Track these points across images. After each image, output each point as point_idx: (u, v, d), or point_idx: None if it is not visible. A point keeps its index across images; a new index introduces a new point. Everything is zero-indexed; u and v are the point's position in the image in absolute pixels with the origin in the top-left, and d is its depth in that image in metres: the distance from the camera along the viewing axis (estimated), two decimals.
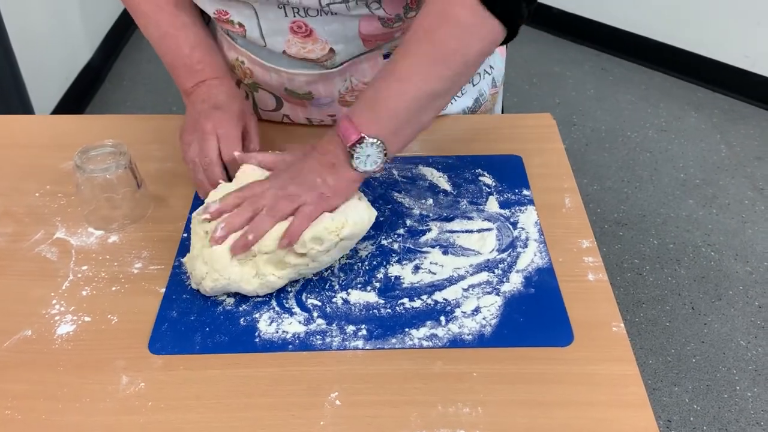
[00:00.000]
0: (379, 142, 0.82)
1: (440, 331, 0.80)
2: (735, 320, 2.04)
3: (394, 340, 0.79)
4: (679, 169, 2.60)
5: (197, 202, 0.97)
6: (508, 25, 0.83)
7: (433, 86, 0.84)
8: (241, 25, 0.96)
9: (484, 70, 1.13)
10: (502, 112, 1.26)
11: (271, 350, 0.78)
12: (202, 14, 1.06)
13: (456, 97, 1.11)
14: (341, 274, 0.87)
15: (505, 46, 1.14)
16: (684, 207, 2.43)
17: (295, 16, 0.93)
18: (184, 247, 0.90)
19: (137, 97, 2.98)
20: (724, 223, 2.36)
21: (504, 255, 0.89)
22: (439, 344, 0.78)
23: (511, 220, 0.94)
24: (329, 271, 0.88)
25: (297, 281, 0.86)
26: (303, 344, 0.79)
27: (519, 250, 0.90)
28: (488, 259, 0.88)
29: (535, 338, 0.79)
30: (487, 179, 1.00)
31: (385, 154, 0.83)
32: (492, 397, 0.73)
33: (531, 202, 0.97)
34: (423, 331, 0.80)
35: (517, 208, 0.96)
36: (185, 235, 0.92)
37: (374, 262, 0.88)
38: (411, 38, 0.84)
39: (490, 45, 0.85)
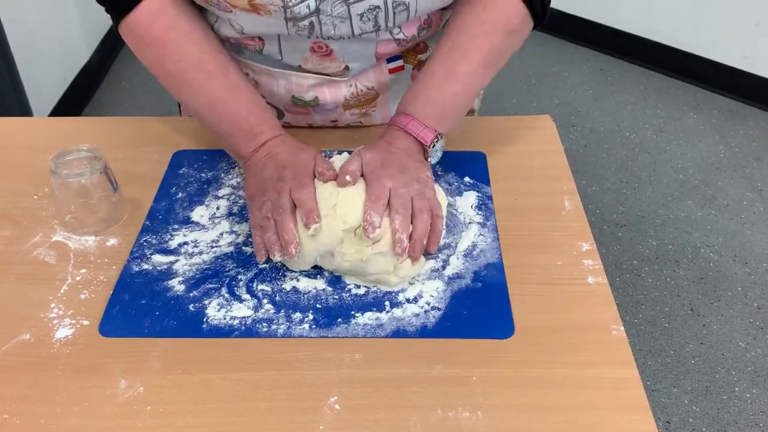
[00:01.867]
0: (443, 137, 0.94)
1: (385, 317, 0.81)
2: (734, 321, 2.04)
3: (338, 329, 0.80)
4: (678, 169, 2.60)
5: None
6: (538, 21, 0.97)
7: (485, 83, 0.98)
8: (260, 39, 0.97)
9: None
10: (498, 113, 1.26)
11: (217, 336, 0.80)
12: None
13: None
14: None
15: None
16: (683, 208, 2.43)
17: (318, 39, 0.94)
18: (144, 234, 0.93)
19: (136, 98, 2.98)
20: (723, 224, 2.37)
21: (448, 240, 0.91)
22: (382, 334, 0.80)
23: (449, 203, 0.96)
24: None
25: (251, 269, 0.87)
26: (249, 331, 0.80)
27: (462, 233, 0.92)
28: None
29: (477, 330, 0.80)
30: (439, 171, 1.02)
31: (444, 145, 0.94)
32: (491, 401, 0.73)
33: (474, 188, 0.99)
34: (368, 318, 0.82)
35: (456, 194, 0.98)
36: (147, 222, 0.94)
37: None
38: (470, 41, 0.94)
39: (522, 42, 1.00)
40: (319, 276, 0.87)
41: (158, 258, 0.89)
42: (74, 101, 2.85)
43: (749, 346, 1.97)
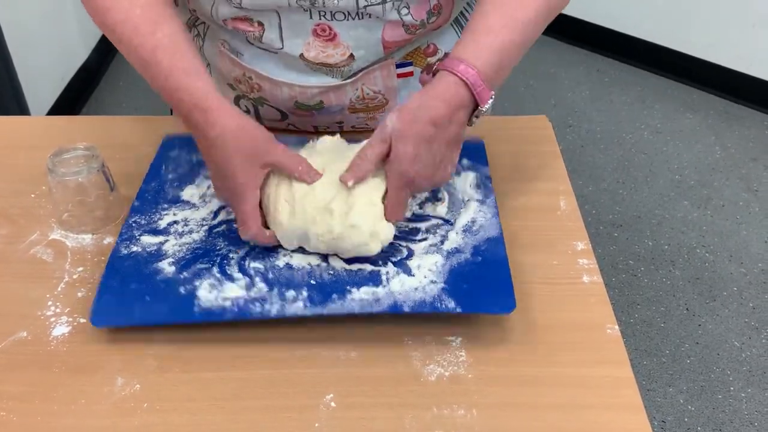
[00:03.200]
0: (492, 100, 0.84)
1: (381, 292, 0.80)
2: (729, 321, 2.05)
3: (333, 306, 0.79)
4: (674, 170, 2.61)
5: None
6: None
7: (535, 38, 0.90)
8: (260, 23, 0.93)
9: None
10: (494, 114, 1.26)
11: (208, 319, 0.78)
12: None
13: None
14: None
15: None
16: (679, 208, 2.44)
17: (320, 19, 0.91)
18: (134, 215, 0.92)
19: (133, 97, 2.98)
20: (719, 224, 2.37)
21: (447, 217, 0.91)
22: (378, 309, 0.78)
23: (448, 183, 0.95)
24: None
25: (242, 247, 0.86)
26: (241, 312, 0.78)
27: (460, 211, 0.92)
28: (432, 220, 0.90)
29: (477, 304, 0.79)
30: None
31: None
32: (486, 399, 0.74)
33: (471, 169, 0.98)
34: (363, 293, 0.80)
35: (455, 176, 0.97)
36: (136, 203, 0.93)
37: None
38: None
39: None
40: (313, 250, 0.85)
41: (147, 239, 0.88)
42: (72, 100, 2.85)
43: (744, 346, 1.98)
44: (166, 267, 0.84)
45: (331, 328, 0.81)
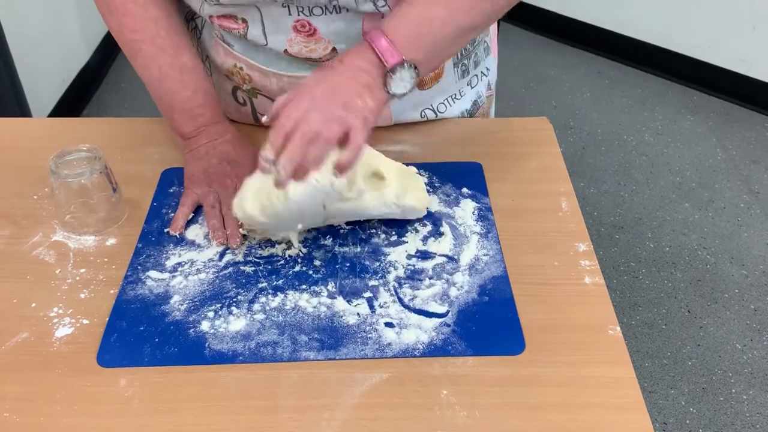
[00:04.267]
0: (413, 66, 0.82)
1: (393, 336, 0.80)
2: (731, 323, 2.05)
3: (346, 350, 0.78)
4: (675, 172, 2.61)
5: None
6: None
7: (476, 20, 0.86)
8: (243, 20, 0.95)
9: (481, 72, 1.14)
10: (496, 115, 1.26)
11: (220, 362, 0.77)
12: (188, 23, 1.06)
13: (455, 100, 1.12)
14: (295, 282, 0.86)
15: (497, 49, 1.15)
16: (680, 210, 2.44)
17: (299, 15, 0.93)
18: (138, 257, 0.90)
19: (134, 99, 2.98)
20: (720, 226, 2.37)
21: (450, 253, 0.90)
22: (390, 354, 0.78)
23: (448, 214, 0.96)
24: (287, 277, 0.87)
25: (251, 289, 0.85)
26: (253, 356, 0.78)
27: (463, 246, 0.91)
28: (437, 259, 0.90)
29: (488, 347, 0.79)
30: (436, 182, 1.01)
31: (416, 79, 0.83)
32: (488, 400, 0.74)
33: (472, 198, 0.98)
34: (376, 338, 0.80)
35: (454, 204, 0.97)
36: (140, 245, 0.92)
37: (331, 268, 0.88)
38: None
39: None
40: (322, 293, 0.85)
41: (154, 281, 0.86)
42: (73, 102, 2.85)
43: (746, 348, 1.98)
44: (175, 309, 0.83)
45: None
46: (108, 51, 3.18)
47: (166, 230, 0.93)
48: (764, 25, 2.75)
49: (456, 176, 1.02)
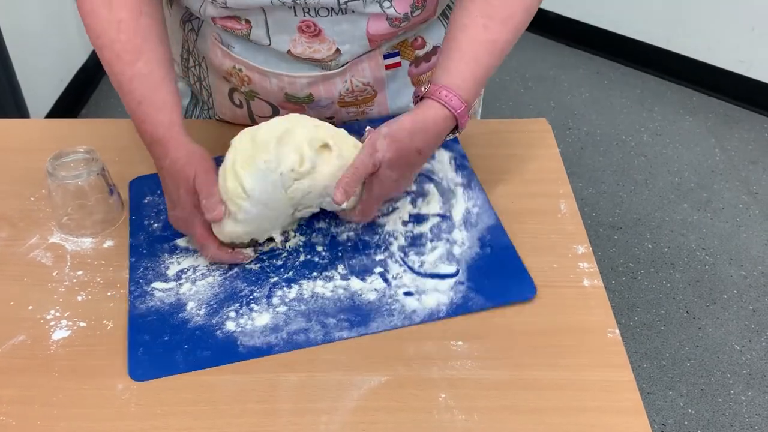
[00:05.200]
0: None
1: (415, 304, 0.83)
2: (729, 324, 2.05)
3: (375, 324, 0.81)
4: (674, 173, 2.61)
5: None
6: None
7: (512, 41, 0.91)
8: (247, 21, 0.95)
9: None
10: (496, 116, 1.26)
11: (257, 356, 0.78)
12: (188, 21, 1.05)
13: None
14: (305, 271, 0.87)
15: None
16: (678, 211, 2.44)
17: (305, 16, 0.93)
18: (136, 271, 0.88)
19: None
20: (719, 227, 2.37)
21: (442, 210, 0.93)
22: (417, 320, 0.81)
23: (427, 170, 0.97)
24: (295, 268, 0.88)
25: (264, 285, 0.86)
26: (289, 344, 0.79)
27: (451, 202, 0.94)
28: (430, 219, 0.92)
29: (502, 295, 0.83)
30: None
31: None
32: (487, 403, 0.73)
33: (445, 147, 0.99)
34: (399, 308, 0.83)
35: (430, 158, 0.98)
36: (133, 259, 0.90)
37: (335, 251, 0.90)
38: (507, 8, 0.89)
39: None
40: (335, 277, 0.86)
41: (162, 292, 0.86)
42: (71, 103, 2.84)
43: (744, 349, 1.98)
44: (194, 315, 0.83)
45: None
46: None
47: (160, 252, 0.91)
48: (763, 26, 2.74)
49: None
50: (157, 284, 0.87)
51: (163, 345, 0.80)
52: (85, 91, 2.99)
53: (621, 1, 3.10)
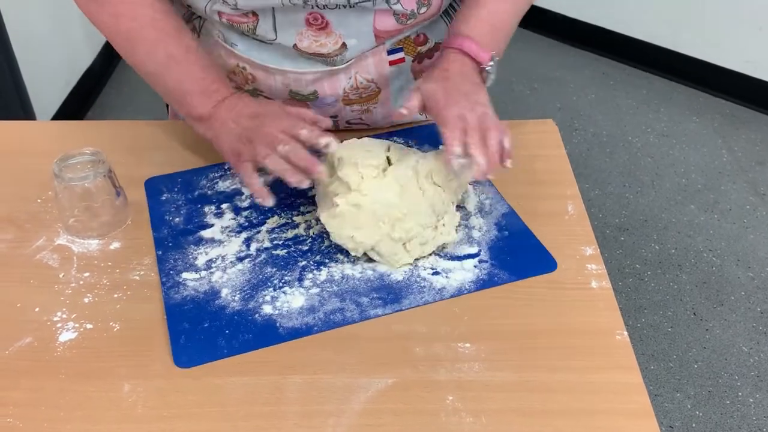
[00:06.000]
0: (498, 58, 0.94)
1: (444, 281, 0.86)
2: (737, 326, 2.04)
3: (408, 301, 0.84)
4: (681, 174, 2.60)
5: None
6: None
7: (527, 5, 1.00)
8: (254, 14, 0.94)
9: None
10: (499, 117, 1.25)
11: (297, 336, 0.80)
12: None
13: None
14: (332, 254, 0.90)
15: None
16: (685, 212, 2.43)
17: (313, 8, 0.93)
18: (165, 263, 0.89)
19: (138, 101, 2.98)
20: (726, 228, 2.36)
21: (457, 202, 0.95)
22: (447, 296, 0.84)
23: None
24: (322, 252, 0.90)
25: (294, 269, 0.88)
26: (327, 323, 0.81)
27: (463, 195, 0.96)
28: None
29: (526, 270, 0.87)
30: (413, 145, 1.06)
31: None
32: (494, 405, 0.73)
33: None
34: (428, 286, 0.86)
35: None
36: (159, 252, 0.91)
37: None
38: None
39: None
40: (361, 259, 0.89)
41: (194, 281, 0.87)
42: (77, 105, 2.85)
43: (752, 351, 1.97)
44: (230, 301, 0.84)
45: (337, 335, 0.81)
46: (111, 54, 3.18)
47: (184, 244, 0.92)
48: None
49: (431, 136, 1.05)
50: (187, 274, 0.88)
51: (203, 332, 0.81)
52: (91, 94, 2.99)
53: (627, 2, 3.10)
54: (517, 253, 0.90)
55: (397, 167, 0.89)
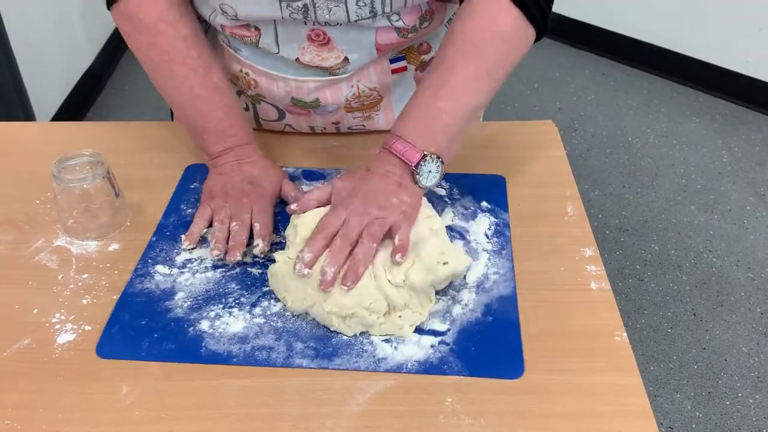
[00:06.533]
0: (437, 157, 0.86)
1: (389, 350, 0.78)
2: (737, 327, 2.04)
3: (339, 361, 0.77)
4: (681, 174, 2.60)
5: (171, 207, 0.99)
6: (540, 30, 0.90)
7: (480, 100, 0.90)
8: (257, 28, 0.95)
9: None
10: (500, 118, 1.25)
11: (214, 362, 0.77)
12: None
13: None
14: None
15: None
16: (685, 213, 2.43)
17: (315, 25, 0.93)
18: (150, 250, 0.91)
19: (138, 103, 2.99)
20: (726, 229, 2.36)
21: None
22: (383, 368, 0.77)
23: (463, 228, 0.93)
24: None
25: (254, 292, 0.85)
26: (247, 359, 0.77)
27: (471, 264, 0.88)
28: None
29: (484, 369, 0.76)
30: (456, 194, 0.99)
31: (443, 166, 0.87)
32: (494, 407, 0.73)
33: (490, 213, 0.96)
34: (371, 351, 0.79)
35: (471, 218, 0.95)
36: (154, 239, 0.93)
37: None
38: (456, 53, 0.88)
39: (525, 52, 0.92)
40: None
41: (162, 276, 0.87)
42: (77, 106, 2.85)
43: (752, 352, 1.97)
44: (178, 306, 0.83)
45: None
46: (111, 54, 3.18)
47: (181, 237, 0.92)
48: None
49: (477, 189, 0.99)
50: (160, 267, 0.89)
51: (136, 329, 0.81)
52: (91, 95, 3.00)
53: (627, 3, 3.10)
54: (486, 346, 0.78)
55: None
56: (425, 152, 0.86)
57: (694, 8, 2.91)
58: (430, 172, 0.87)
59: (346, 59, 0.97)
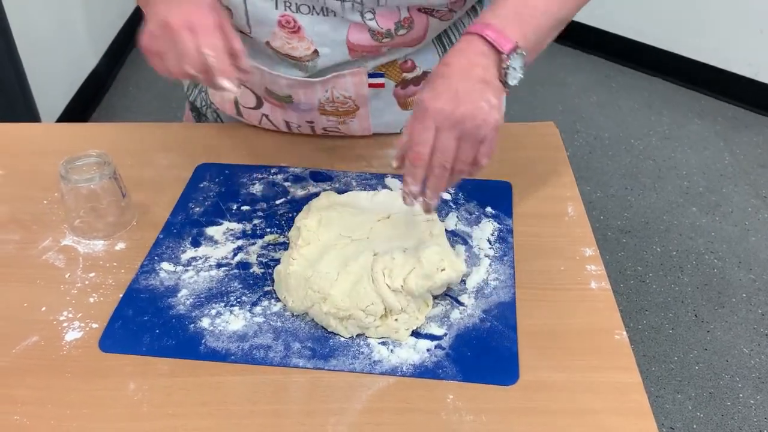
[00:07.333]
0: (524, 54, 0.80)
1: (385, 353, 0.79)
2: (738, 328, 2.04)
3: (335, 362, 0.78)
4: (683, 176, 2.60)
5: (178, 207, 0.99)
6: None
7: (569, 11, 0.88)
8: (227, 8, 0.93)
9: None
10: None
11: (213, 359, 0.78)
12: None
13: None
14: None
15: None
16: (687, 214, 2.43)
17: (285, 10, 0.92)
18: (157, 248, 0.92)
19: (142, 103, 3.00)
20: (728, 230, 2.37)
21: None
22: (378, 371, 0.77)
23: (466, 233, 0.94)
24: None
25: (256, 291, 0.86)
26: (245, 357, 0.78)
27: (473, 267, 0.89)
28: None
29: (479, 375, 0.76)
30: (461, 199, 0.99)
31: (524, 69, 0.80)
32: (494, 404, 0.74)
33: (494, 219, 0.96)
34: (367, 354, 0.79)
35: (474, 224, 0.95)
36: (161, 236, 0.94)
37: None
38: None
39: None
40: None
41: (166, 273, 0.89)
42: (82, 107, 2.86)
43: (753, 353, 1.97)
44: (180, 303, 0.85)
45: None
46: (116, 56, 3.19)
47: (186, 236, 0.93)
48: None
49: (482, 194, 1.00)
50: (166, 264, 0.90)
51: (139, 324, 0.82)
52: (96, 96, 3.01)
53: (629, 5, 3.10)
54: (482, 352, 0.78)
55: (360, 245, 0.86)
56: (517, 42, 0.79)
57: (695, 10, 2.91)
58: (515, 69, 0.80)
59: (316, 52, 0.95)
